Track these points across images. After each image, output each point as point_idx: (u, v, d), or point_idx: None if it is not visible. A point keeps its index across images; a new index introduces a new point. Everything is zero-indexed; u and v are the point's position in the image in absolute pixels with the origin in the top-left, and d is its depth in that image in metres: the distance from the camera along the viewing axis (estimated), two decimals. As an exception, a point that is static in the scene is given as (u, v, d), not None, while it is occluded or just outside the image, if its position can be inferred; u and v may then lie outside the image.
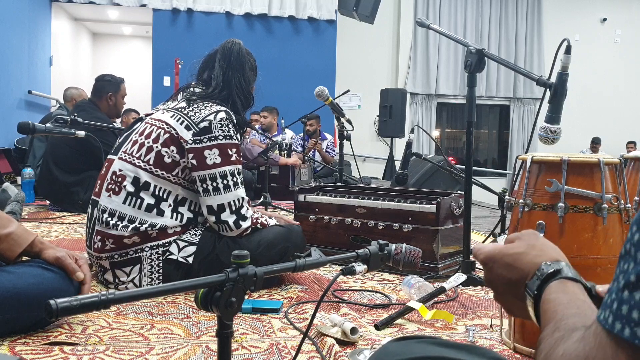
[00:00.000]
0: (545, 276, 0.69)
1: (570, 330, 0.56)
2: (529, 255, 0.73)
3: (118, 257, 1.88)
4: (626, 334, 0.46)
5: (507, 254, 0.76)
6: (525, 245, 0.75)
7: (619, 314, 0.47)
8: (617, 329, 0.47)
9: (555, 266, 0.69)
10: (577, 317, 0.59)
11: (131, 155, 1.93)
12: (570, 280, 0.67)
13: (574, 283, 0.67)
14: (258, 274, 0.89)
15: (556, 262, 0.70)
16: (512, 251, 0.75)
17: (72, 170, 3.82)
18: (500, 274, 0.76)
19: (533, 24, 10.56)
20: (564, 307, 0.62)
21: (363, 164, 9.26)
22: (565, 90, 1.80)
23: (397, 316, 1.63)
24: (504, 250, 0.76)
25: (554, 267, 0.69)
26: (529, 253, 0.73)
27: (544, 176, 1.43)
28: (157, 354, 1.34)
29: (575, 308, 0.62)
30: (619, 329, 0.47)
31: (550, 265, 0.69)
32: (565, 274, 0.68)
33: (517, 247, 0.75)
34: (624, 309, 0.47)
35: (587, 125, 10.27)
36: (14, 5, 6.64)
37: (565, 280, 0.67)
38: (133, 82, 9.46)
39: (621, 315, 0.47)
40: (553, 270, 0.69)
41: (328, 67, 8.42)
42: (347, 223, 2.50)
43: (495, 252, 0.77)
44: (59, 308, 0.72)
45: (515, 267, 0.74)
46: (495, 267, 0.76)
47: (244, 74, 2.08)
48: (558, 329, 0.58)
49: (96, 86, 4.04)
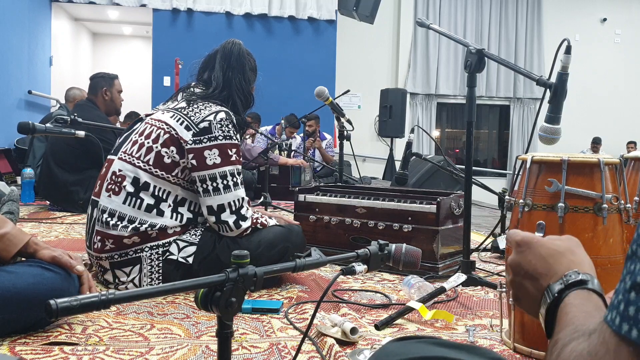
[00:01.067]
0: (570, 282, 0.68)
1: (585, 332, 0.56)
2: (566, 258, 0.73)
3: (118, 257, 1.88)
4: (634, 335, 0.46)
5: (545, 245, 0.75)
6: (566, 247, 0.74)
7: (626, 315, 0.47)
8: (624, 330, 0.47)
9: (583, 276, 0.69)
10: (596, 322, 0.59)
11: (131, 155, 1.93)
12: (595, 293, 0.67)
13: (598, 296, 0.66)
14: (258, 274, 0.89)
15: (586, 274, 0.69)
16: (552, 246, 0.74)
17: (72, 169, 3.82)
18: (529, 260, 0.75)
19: (533, 24, 10.56)
20: (586, 315, 0.62)
21: (363, 164, 9.26)
22: (565, 90, 1.80)
23: (397, 316, 1.63)
24: (543, 241, 0.76)
25: (582, 277, 0.69)
26: (567, 256, 0.73)
27: (544, 176, 1.43)
28: (157, 354, 1.34)
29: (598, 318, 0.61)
30: (626, 330, 0.47)
31: (579, 274, 0.69)
32: (591, 286, 0.68)
33: (558, 245, 0.75)
34: (631, 310, 0.47)
35: (587, 125, 10.27)
36: (14, 5, 6.64)
37: (591, 292, 0.67)
38: (133, 82, 9.51)
39: (628, 316, 0.47)
40: (580, 279, 0.68)
41: (328, 67, 8.42)
42: (347, 223, 2.50)
43: (535, 240, 0.76)
44: (59, 308, 0.72)
45: (548, 262, 0.73)
46: (527, 253, 0.75)
47: (244, 74, 2.08)
48: (576, 332, 0.58)
49: (91, 84, 4.06)
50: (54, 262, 1.48)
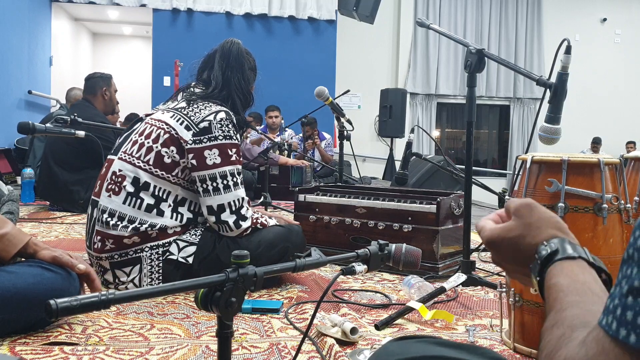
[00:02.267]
0: (542, 260, 0.67)
1: (570, 328, 0.55)
2: (527, 237, 0.71)
3: (118, 257, 1.88)
4: (632, 340, 0.45)
5: (505, 237, 0.74)
6: (521, 226, 0.73)
7: (624, 320, 0.46)
8: (622, 335, 0.46)
9: (551, 247, 0.68)
10: (576, 308, 0.58)
11: (131, 155, 1.93)
12: (569, 259, 0.66)
13: (573, 261, 0.65)
14: (258, 274, 0.89)
15: (552, 242, 0.68)
16: (509, 234, 0.73)
17: (72, 168, 3.82)
18: (504, 256, 0.75)
19: (533, 24, 10.56)
20: (564, 295, 0.61)
21: (363, 164, 9.26)
22: (565, 90, 1.80)
23: (397, 316, 1.63)
24: (502, 234, 0.74)
25: (550, 248, 0.68)
26: (526, 235, 0.72)
27: (544, 176, 1.43)
28: (157, 354, 1.34)
29: (575, 294, 0.61)
30: (624, 336, 0.46)
31: (546, 247, 0.68)
32: (562, 254, 0.66)
33: (513, 229, 0.73)
34: (628, 315, 0.46)
35: (587, 125, 10.27)
36: (14, 5, 6.64)
37: (563, 262, 0.66)
38: (133, 82, 9.52)
39: (626, 321, 0.46)
40: (549, 252, 0.67)
41: (328, 67, 8.42)
42: (347, 223, 2.50)
43: (495, 237, 0.75)
44: (59, 308, 0.72)
45: (517, 250, 0.72)
46: (499, 250, 0.75)
47: (244, 74, 2.08)
48: (557, 325, 0.58)
49: (88, 84, 4.07)
50: (54, 262, 1.48)
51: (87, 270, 1.52)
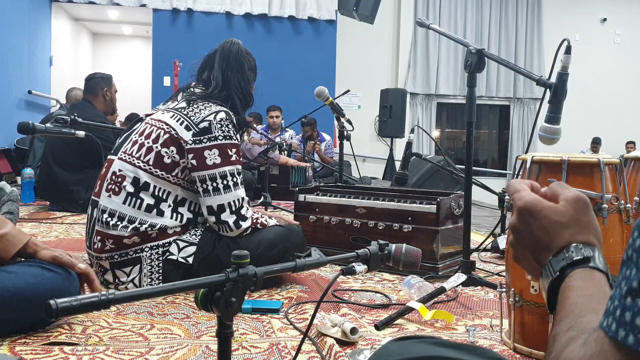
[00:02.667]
0: (572, 261, 0.64)
1: (582, 331, 0.55)
2: (569, 229, 0.67)
3: (118, 257, 1.88)
4: (630, 341, 0.45)
5: (548, 215, 0.68)
6: (570, 216, 0.68)
7: (622, 320, 0.46)
8: (620, 336, 0.46)
9: (585, 252, 0.64)
10: (595, 315, 0.56)
11: (131, 155, 1.93)
12: (598, 270, 0.63)
13: (601, 274, 0.63)
14: (258, 274, 0.89)
15: (589, 248, 0.65)
16: (554, 217, 0.68)
17: (72, 168, 3.82)
18: (531, 231, 0.69)
19: (533, 24, 10.56)
20: (586, 300, 0.59)
21: (363, 164, 9.26)
22: (565, 90, 1.80)
23: (397, 316, 1.63)
24: (546, 209, 0.69)
25: (584, 253, 0.64)
26: (570, 227, 0.67)
27: (544, 176, 1.43)
28: (157, 354, 1.34)
29: (597, 302, 0.58)
30: (622, 336, 0.46)
31: (581, 250, 0.64)
32: (595, 263, 0.63)
33: (561, 214, 0.68)
34: (627, 316, 0.46)
35: (587, 125, 10.28)
36: (14, 5, 6.64)
37: (594, 270, 0.63)
38: (133, 82, 9.52)
39: (624, 322, 0.46)
40: (582, 257, 0.63)
41: (328, 67, 8.42)
42: (347, 223, 2.50)
43: (537, 209, 0.69)
44: (59, 308, 0.72)
45: (551, 234, 0.67)
46: (530, 222, 0.69)
47: (243, 74, 2.08)
48: (572, 328, 0.56)
49: (89, 84, 4.07)
50: (54, 262, 1.48)
51: (86, 270, 1.52)
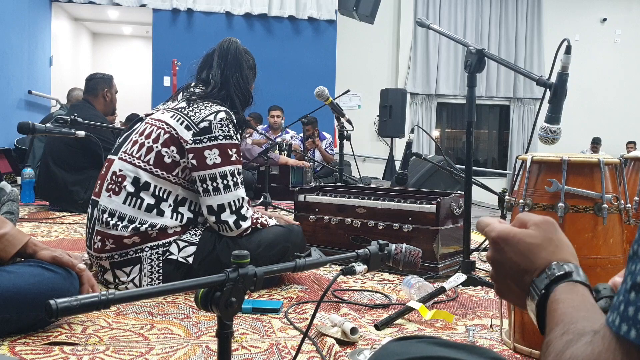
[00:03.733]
0: (555, 277, 0.66)
1: (579, 334, 0.54)
2: (545, 250, 0.69)
3: (118, 257, 1.88)
4: (632, 336, 0.45)
5: (522, 240, 0.70)
6: (542, 237, 0.70)
7: (626, 315, 0.46)
8: (623, 331, 0.46)
9: (567, 268, 0.66)
10: (586, 321, 0.57)
11: (131, 155, 1.93)
12: (581, 283, 0.65)
13: (584, 287, 0.64)
14: (258, 274, 0.89)
15: (568, 264, 0.67)
16: (529, 240, 0.70)
17: (72, 169, 3.82)
18: (510, 258, 0.71)
19: (533, 24, 10.56)
20: (574, 310, 0.60)
21: (363, 164, 9.26)
22: (565, 90, 1.80)
23: (397, 316, 1.63)
24: (519, 235, 0.71)
25: (566, 268, 0.66)
26: (546, 247, 0.69)
27: (544, 176, 1.43)
28: (157, 354, 1.34)
29: (585, 311, 0.60)
30: (625, 331, 0.46)
31: (562, 267, 0.66)
32: (576, 277, 0.65)
33: (534, 237, 0.70)
34: (630, 311, 0.46)
35: (587, 125, 10.27)
36: (14, 5, 6.64)
37: (576, 283, 0.65)
38: (133, 82, 9.51)
39: (628, 317, 0.46)
40: (564, 272, 0.66)
41: (328, 67, 8.42)
42: (347, 223, 2.50)
43: (511, 236, 0.71)
44: (59, 308, 0.72)
45: (528, 257, 0.69)
46: (506, 250, 0.71)
47: (242, 72, 2.08)
48: (567, 332, 0.56)
49: (90, 85, 4.07)
50: (54, 262, 1.48)
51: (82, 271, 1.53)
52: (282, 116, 6.68)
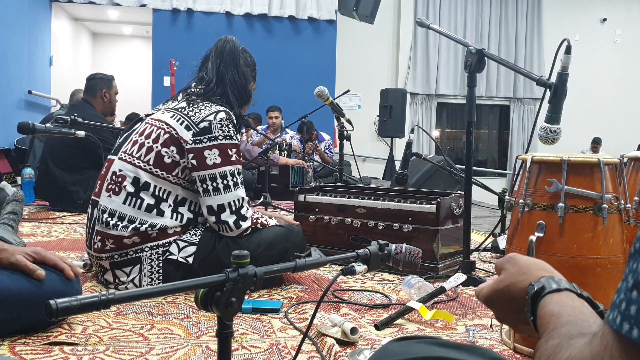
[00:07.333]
0: (531, 298, 0.71)
1: (567, 337, 0.56)
2: (518, 283, 0.76)
3: (118, 257, 1.88)
4: (634, 335, 0.45)
5: (497, 289, 0.79)
6: (511, 275, 0.77)
7: (627, 314, 0.46)
8: (625, 329, 0.46)
9: (537, 285, 0.71)
10: (570, 325, 0.60)
11: (131, 155, 1.93)
12: (556, 292, 0.69)
13: (560, 293, 0.69)
14: (258, 274, 0.89)
15: (538, 281, 0.72)
16: (503, 285, 0.78)
17: (71, 169, 3.82)
18: (502, 309, 0.79)
19: (533, 24, 10.56)
20: (556, 317, 0.64)
21: (363, 164, 9.26)
22: (565, 90, 1.80)
23: (397, 316, 1.63)
24: (496, 287, 0.79)
25: (536, 286, 0.71)
26: (517, 280, 0.76)
27: (544, 176, 1.43)
28: (157, 354, 1.34)
29: (567, 316, 0.63)
30: (626, 330, 0.46)
31: (533, 286, 0.72)
32: (549, 289, 0.70)
33: (505, 280, 0.78)
34: (632, 309, 0.46)
35: (587, 125, 10.27)
36: (14, 5, 6.64)
37: (552, 294, 0.69)
38: (133, 82, 9.51)
39: (629, 315, 0.46)
40: (536, 289, 0.71)
41: (328, 67, 8.41)
42: (347, 223, 2.50)
43: (491, 293, 0.80)
44: (59, 308, 0.72)
45: (511, 299, 0.76)
46: (497, 306, 0.80)
47: (238, 69, 2.08)
48: (552, 337, 0.59)
49: (89, 85, 4.07)
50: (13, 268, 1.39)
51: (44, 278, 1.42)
52: (281, 117, 6.67)
